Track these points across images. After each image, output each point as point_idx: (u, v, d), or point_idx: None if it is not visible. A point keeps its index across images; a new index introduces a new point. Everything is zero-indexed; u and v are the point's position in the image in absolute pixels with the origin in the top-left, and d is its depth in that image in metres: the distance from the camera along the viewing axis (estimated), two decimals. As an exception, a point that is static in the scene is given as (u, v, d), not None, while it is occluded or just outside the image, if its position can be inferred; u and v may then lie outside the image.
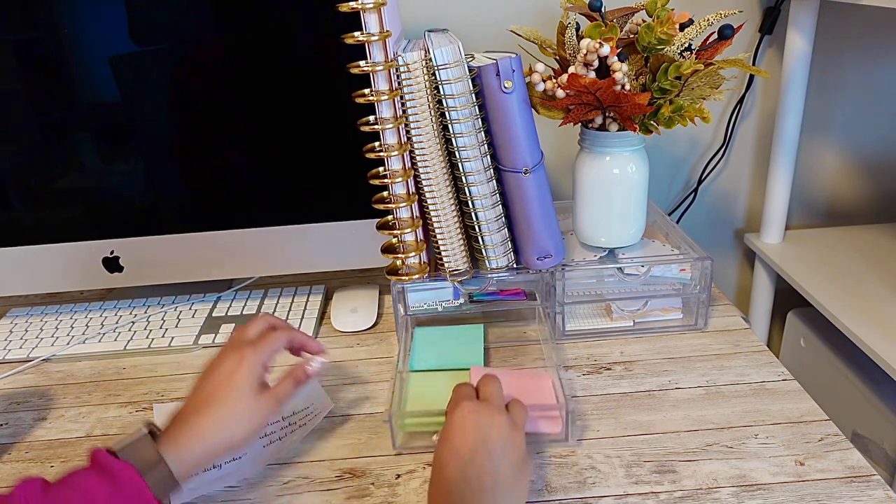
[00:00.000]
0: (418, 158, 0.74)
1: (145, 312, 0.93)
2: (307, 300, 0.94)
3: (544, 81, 0.79)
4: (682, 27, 0.78)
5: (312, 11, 0.79)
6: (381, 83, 0.70)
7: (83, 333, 0.89)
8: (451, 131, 0.72)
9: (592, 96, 0.77)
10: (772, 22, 1.03)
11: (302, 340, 0.65)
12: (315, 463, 0.65)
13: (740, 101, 1.09)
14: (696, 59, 0.78)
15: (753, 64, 1.07)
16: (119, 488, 0.49)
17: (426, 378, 0.74)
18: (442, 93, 0.71)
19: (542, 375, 0.73)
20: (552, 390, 0.70)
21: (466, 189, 0.75)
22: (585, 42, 0.75)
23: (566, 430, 0.65)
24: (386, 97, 0.70)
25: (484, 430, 0.53)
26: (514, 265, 0.80)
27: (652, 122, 0.79)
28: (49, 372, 0.84)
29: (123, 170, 0.88)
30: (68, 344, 0.87)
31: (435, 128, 0.73)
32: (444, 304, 0.82)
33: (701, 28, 0.78)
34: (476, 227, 0.77)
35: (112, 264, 0.91)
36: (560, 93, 0.78)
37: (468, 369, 0.74)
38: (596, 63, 0.76)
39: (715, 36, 0.79)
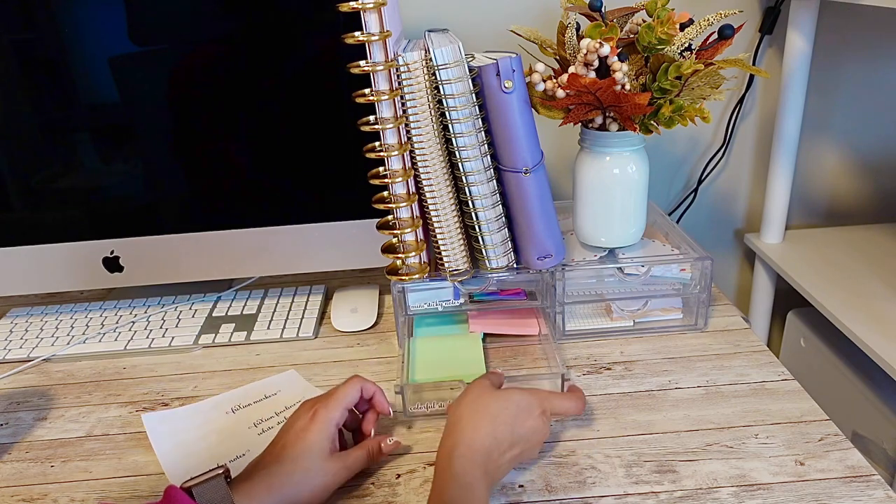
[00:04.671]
0: (418, 158, 0.74)
1: (145, 312, 0.93)
2: (307, 300, 0.94)
3: (544, 81, 0.79)
4: (682, 27, 0.78)
5: (312, 11, 0.79)
6: (381, 83, 0.70)
7: (83, 333, 0.89)
8: (451, 131, 0.72)
9: (592, 96, 0.77)
10: (772, 22, 1.03)
11: (372, 390, 0.65)
12: (315, 463, 0.65)
13: (740, 101, 1.09)
14: (696, 59, 0.78)
15: (753, 64, 1.07)
16: None
17: (432, 346, 0.80)
18: (442, 93, 0.71)
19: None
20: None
21: (466, 189, 0.75)
22: (585, 42, 0.75)
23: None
24: (386, 97, 0.70)
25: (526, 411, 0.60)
26: (514, 265, 0.80)
27: (652, 122, 0.79)
28: (49, 372, 0.84)
29: (123, 170, 0.88)
30: (68, 344, 0.87)
31: (435, 128, 0.73)
32: (444, 304, 0.82)
33: (701, 28, 0.78)
34: (476, 227, 0.77)
35: (112, 264, 0.91)
36: (560, 93, 0.78)
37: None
38: (596, 63, 0.76)
39: (715, 36, 0.79)
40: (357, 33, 0.67)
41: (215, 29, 0.81)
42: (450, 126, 0.72)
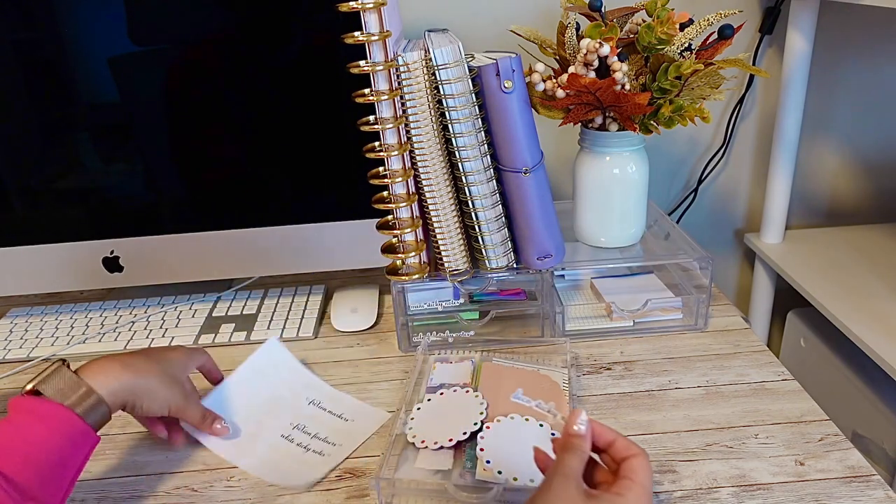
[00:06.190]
0: (418, 158, 0.74)
1: (145, 312, 0.93)
2: (307, 300, 0.94)
3: (544, 81, 0.79)
4: (682, 27, 0.78)
5: (312, 11, 0.79)
6: (381, 83, 0.70)
7: (83, 333, 0.89)
8: (451, 131, 0.72)
9: (592, 96, 0.77)
10: (772, 22, 1.03)
11: (212, 370, 0.72)
12: (315, 463, 0.65)
13: (740, 101, 1.09)
14: (696, 59, 0.78)
15: (753, 64, 1.07)
16: (49, 424, 0.51)
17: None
18: (442, 93, 0.71)
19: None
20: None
21: (466, 189, 0.75)
22: (585, 42, 0.75)
23: None
24: (386, 97, 0.70)
25: None
26: (514, 265, 0.80)
27: (652, 122, 0.80)
28: (49, 372, 0.83)
29: (123, 170, 0.88)
30: (68, 344, 0.87)
31: (435, 128, 0.73)
32: (444, 304, 0.82)
33: (701, 28, 0.78)
34: (476, 227, 0.77)
35: (112, 264, 0.91)
36: (560, 93, 0.78)
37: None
38: (596, 63, 0.76)
39: (715, 36, 0.79)
40: (357, 33, 0.67)
41: (215, 29, 0.81)
42: (450, 126, 0.72)
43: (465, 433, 0.64)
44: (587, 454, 0.47)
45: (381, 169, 0.74)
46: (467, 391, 0.70)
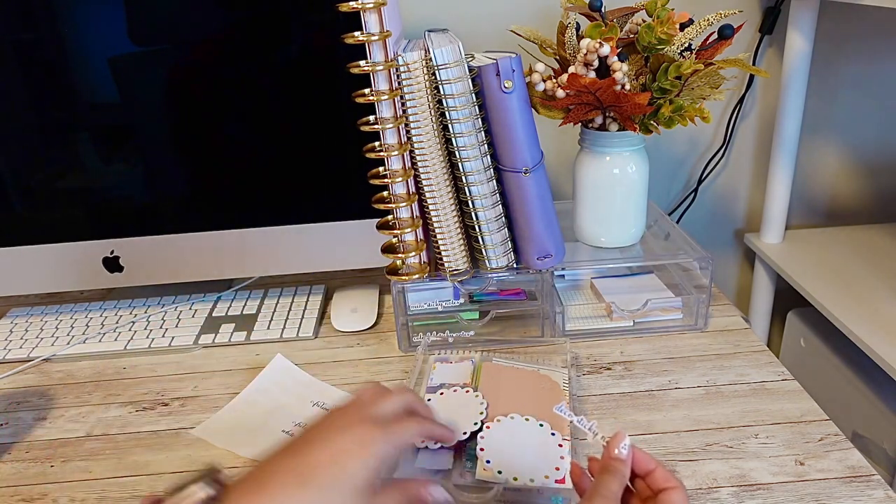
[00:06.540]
0: (418, 158, 0.74)
1: (145, 312, 0.93)
2: (307, 300, 0.94)
3: (544, 81, 0.79)
4: (682, 27, 0.78)
5: (312, 11, 0.79)
6: (381, 83, 0.70)
7: (83, 333, 0.89)
8: (451, 131, 0.72)
9: (592, 96, 0.77)
10: (772, 22, 1.03)
11: (440, 434, 0.52)
12: (315, 463, 0.65)
13: (740, 101, 1.09)
14: (696, 58, 0.78)
15: (753, 64, 1.07)
16: None
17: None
18: (442, 93, 0.71)
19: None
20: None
21: (466, 189, 0.75)
22: (585, 42, 0.75)
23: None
24: (386, 97, 0.70)
25: None
26: (514, 265, 0.80)
27: (652, 122, 0.80)
28: (49, 372, 0.84)
29: (123, 170, 0.88)
30: (68, 344, 0.87)
31: (435, 128, 0.73)
32: (444, 304, 0.82)
33: (701, 28, 0.78)
34: (476, 227, 0.77)
35: (112, 264, 0.91)
36: (560, 93, 0.78)
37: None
38: (596, 63, 0.76)
39: (715, 36, 0.80)
40: (357, 33, 0.67)
41: (215, 29, 0.81)
42: (450, 126, 0.72)
43: (465, 433, 0.64)
44: (627, 479, 0.47)
45: (381, 169, 0.74)
46: (467, 391, 0.70)
